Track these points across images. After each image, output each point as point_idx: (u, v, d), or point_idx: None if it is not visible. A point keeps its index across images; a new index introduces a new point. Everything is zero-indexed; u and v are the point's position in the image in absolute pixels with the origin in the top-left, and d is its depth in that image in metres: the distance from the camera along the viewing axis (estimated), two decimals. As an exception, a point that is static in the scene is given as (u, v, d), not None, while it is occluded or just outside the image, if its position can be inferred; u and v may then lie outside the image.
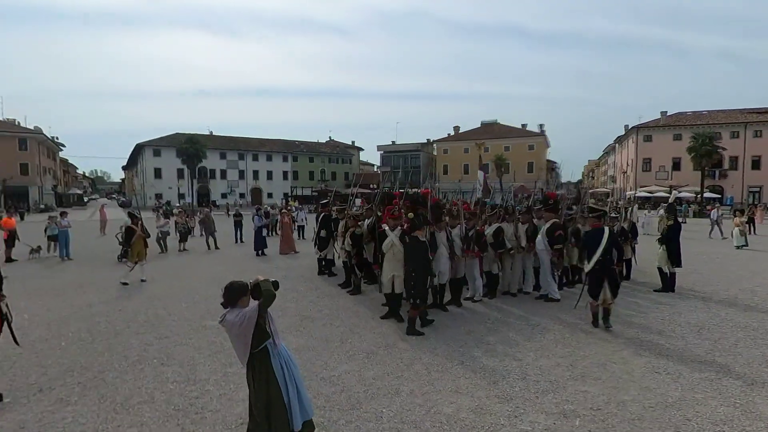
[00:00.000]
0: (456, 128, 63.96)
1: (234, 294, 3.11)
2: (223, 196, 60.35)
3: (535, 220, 8.42)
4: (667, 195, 43.66)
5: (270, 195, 63.97)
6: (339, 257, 9.63)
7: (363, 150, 79.11)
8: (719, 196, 43.75)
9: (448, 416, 3.83)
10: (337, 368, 4.85)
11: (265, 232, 15.52)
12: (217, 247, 15.65)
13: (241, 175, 63.00)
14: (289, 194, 60.24)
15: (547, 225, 7.74)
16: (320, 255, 10.47)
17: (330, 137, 77.11)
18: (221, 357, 5.22)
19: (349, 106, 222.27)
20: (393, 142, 67.51)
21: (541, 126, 59.46)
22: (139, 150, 58.86)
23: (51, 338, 6.01)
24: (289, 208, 25.22)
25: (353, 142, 77.71)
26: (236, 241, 17.36)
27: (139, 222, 10.02)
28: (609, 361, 5.04)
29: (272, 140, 66.75)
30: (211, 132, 63.77)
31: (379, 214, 9.07)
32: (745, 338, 5.73)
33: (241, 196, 62.11)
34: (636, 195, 43.38)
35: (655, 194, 43.45)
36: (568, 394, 4.23)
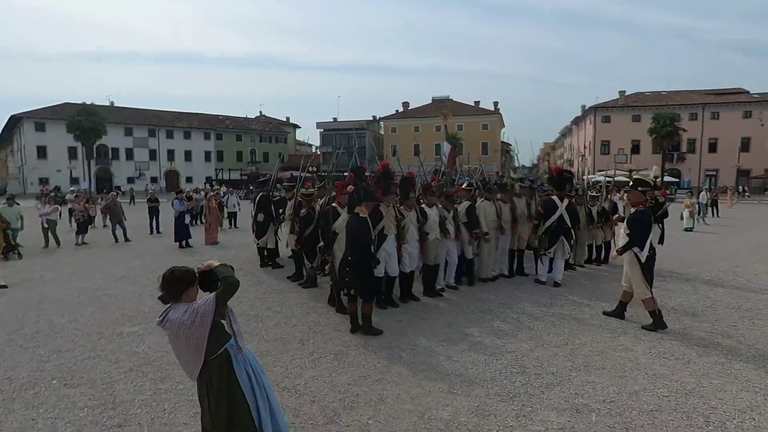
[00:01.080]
0: (405, 104, 64.21)
1: (177, 284, 2.59)
2: (130, 180, 56.38)
3: (515, 199, 8.49)
4: (627, 180, 47.20)
5: (189, 179, 60.74)
6: (287, 245, 9.09)
7: (300, 128, 77.30)
8: (677, 179, 47.77)
9: (446, 421, 3.57)
10: (301, 375, 4.43)
11: (188, 219, 14.53)
12: (127, 239, 14.37)
13: (153, 155, 59.14)
14: (214, 177, 57.47)
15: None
16: (259, 243, 9.85)
17: (261, 112, 74.55)
18: (148, 370, 4.60)
19: (282, 78, 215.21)
20: (335, 118, 66.42)
21: (495, 104, 61.22)
22: (15, 123, 53.09)
23: None
24: (216, 191, 23.92)
25: (288, 119, 75.66)
26: (151, 232, 16.16)
27: None
28: (609, 348, 5.07)
29: (191, 114, 63.26)
30: (112, 103, 59.07)
31: (334, 193, 8.71)
32: (742, 319, 6.05)
33: (153, 180, 58.39)
34: (610, 180, 46.16)
35: (615, 179, 46.55)
36: (575, 387, 4.15)
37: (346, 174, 8.68)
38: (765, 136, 47.63)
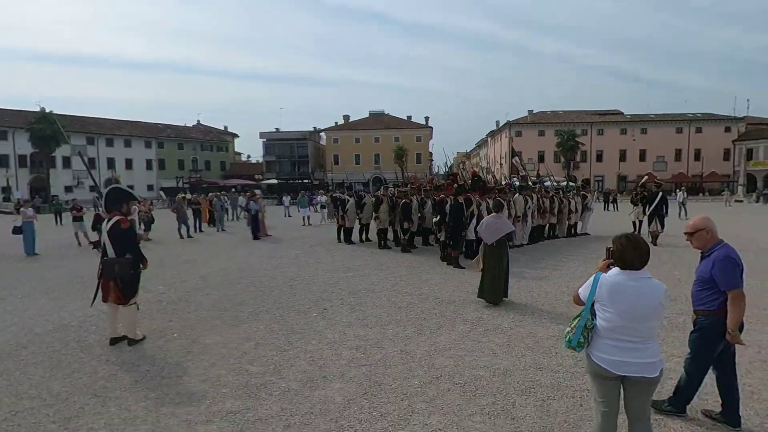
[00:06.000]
0: (346, 117, 67.77)
1: (501, 208, 6.52)
2: (68, 189, 53.57)
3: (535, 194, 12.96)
4: (538, 183, 55.71)
5: (131, 187, 58.51)
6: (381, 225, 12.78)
7: (238, 137, 77.39)
8: (574, 183, 56.84)
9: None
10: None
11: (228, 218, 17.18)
12: (190, 236, 16.64)
13: (92, 163, 56.45)
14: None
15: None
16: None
17: (198, 121, 73.64)
18: (383, 288, 8.15)
19: (214, 87, 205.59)
20: (277, 129, 67.99)
21: (427, 119, 67.27)
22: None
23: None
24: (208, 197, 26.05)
25: (226, 128, 75.50)
26: (195, 231, 18.33)
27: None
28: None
29: (131, 122, 61.21)
30: (44, 109, 55.43)
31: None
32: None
33: (92, 189, 55.91)
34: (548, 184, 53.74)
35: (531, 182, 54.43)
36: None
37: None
38: (636, 149, 58.59)
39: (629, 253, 2.59)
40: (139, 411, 3.79)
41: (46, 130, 37.32)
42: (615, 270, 2.68)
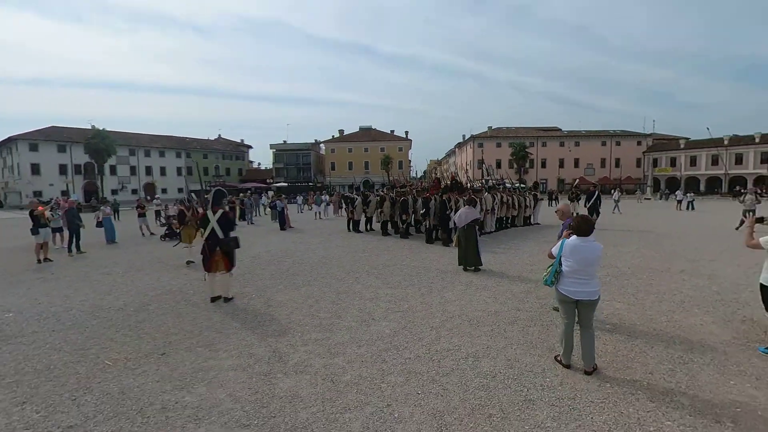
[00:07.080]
0: (341, 131, 68.11)
1: (474, 203, 7.36)
2: (114, 192, 52.84)
3: (501, 193, 13.88)
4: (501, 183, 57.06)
5: (164, 190, 58.30)
6: (379, 218, 13.53)
7: (252, 147, 76.88)
8: (524, 185, 58.41)
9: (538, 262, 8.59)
10: (450, 262, 9.13)
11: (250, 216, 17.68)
12: (229, 228, 17.13)
13: (133, 171, 55.83)
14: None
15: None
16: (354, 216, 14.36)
17: (219, 135, 72.95)
18: (399, 260, 8.97)
19: (232, 107, 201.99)
20: (284, 141, 67.91)
21: (406, 132, 68.14)
22: (5, 143, 47.02)
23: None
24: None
25: (242, 140, 75.00)
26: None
27: (191, 208, 10.42)
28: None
29: (164, 136, 60.55)
30: (94, 126, 54.45)
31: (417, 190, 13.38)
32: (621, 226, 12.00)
33: (134, 192, 55.25)
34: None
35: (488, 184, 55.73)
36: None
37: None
38: (572, 158, 60.55)
39: (582, 227, 3.48)
40: (253, 340, 4.54)
41: (100, 144, 37.00)
42: (574, 237, 3.57)
